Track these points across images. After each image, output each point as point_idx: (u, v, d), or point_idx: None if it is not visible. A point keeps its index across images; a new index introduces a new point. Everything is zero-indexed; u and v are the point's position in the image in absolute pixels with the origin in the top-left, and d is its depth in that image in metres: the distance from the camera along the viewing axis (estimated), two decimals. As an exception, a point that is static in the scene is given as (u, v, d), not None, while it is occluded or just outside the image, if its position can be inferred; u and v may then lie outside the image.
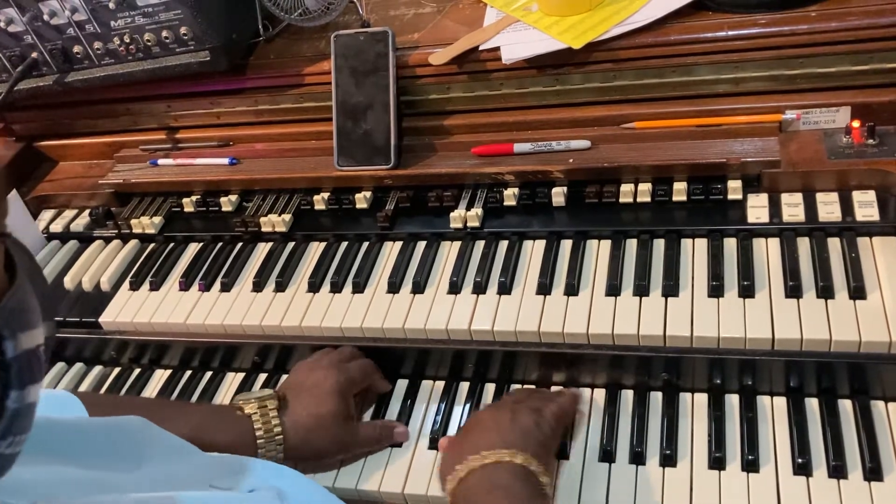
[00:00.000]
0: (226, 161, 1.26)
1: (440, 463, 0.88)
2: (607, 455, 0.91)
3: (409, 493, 0.93)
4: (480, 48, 1.12)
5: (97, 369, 1.19)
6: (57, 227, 1.33)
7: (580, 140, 1.10)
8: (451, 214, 1.11)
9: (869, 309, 0.89)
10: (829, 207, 0.99)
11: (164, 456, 0.67)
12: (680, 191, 1.05)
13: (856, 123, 1.02)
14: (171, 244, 1.25)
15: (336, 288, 1.09)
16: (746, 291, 0.94)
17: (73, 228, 1.32)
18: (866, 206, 0.98)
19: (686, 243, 1.02)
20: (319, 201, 1.19)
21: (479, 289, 1.03)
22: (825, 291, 0.91)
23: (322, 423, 0.93)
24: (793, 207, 1.00)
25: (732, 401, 0.93)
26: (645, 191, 1.06)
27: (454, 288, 1.05)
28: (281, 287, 1.11)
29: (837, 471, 0.83)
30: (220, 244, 1.22)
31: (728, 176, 1.04)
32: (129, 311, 1.15)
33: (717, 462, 0.87)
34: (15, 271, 0.43)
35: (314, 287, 1.10)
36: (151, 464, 0.65)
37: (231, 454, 0.79)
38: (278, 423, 0.92)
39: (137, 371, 1.17)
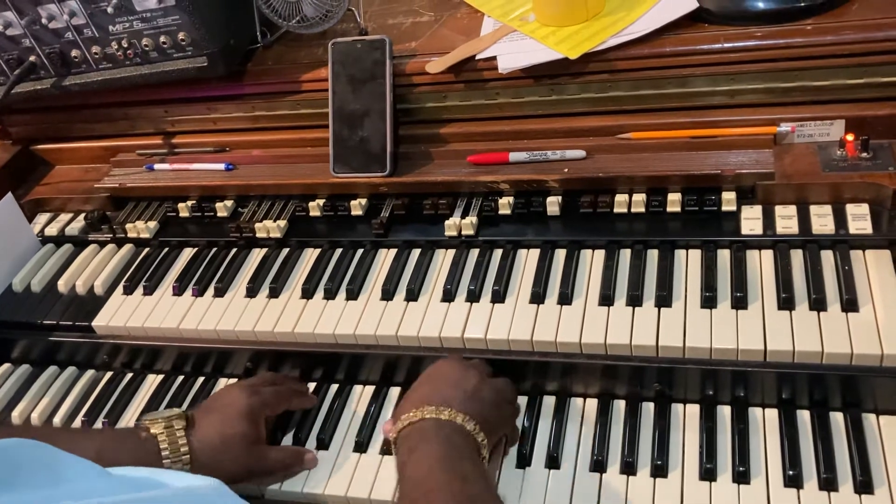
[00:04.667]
0: (222, 167, 1.26)
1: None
2: (598, 465, 0.90)
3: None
4: (477, 57, 1.13)
5: (89, 373, 1.19)
6: (52, 230, 1.33)
7: (575, 150, 1.10)
8: (446, 222, 1.11)
9: (861, 322, 0.89)
10: (822, 220, 0.99)
11: (80, 473, 0.63)
12: (674, 201, 1.05)
13: (850, 137, 1.03)
14: (166, 249, 1.25)
15: (330, 294, 1.09)
16: (739, 303, 0.94)
17: (69, 232, 1.32)
18: (860, 220, 0.98)
19: (680, 254, 1.02)
20: (315, 208, 1.19)
21: (473, 297, 1.03)
22: (818, 304, 0.91)
23: (229, 444, 0.92)
24: (786, 220, 1.01)
25: (724, 412, 0.93)
26: (639, 201, 1.06)
27: (448, 296, 1.04)
28: (275, 293, 1.11)
29: (828, 483, 0.83)
30: (214, 249, 1.22)
31: (722, 187, 1.04)
32: (123, 315, 1.15)
33: (708, 473, 0.87)
34: None
35: (308, 293, 1.10)
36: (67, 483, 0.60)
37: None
38: (185, 442, 0.90)
39: (129, 376, 1.16)
